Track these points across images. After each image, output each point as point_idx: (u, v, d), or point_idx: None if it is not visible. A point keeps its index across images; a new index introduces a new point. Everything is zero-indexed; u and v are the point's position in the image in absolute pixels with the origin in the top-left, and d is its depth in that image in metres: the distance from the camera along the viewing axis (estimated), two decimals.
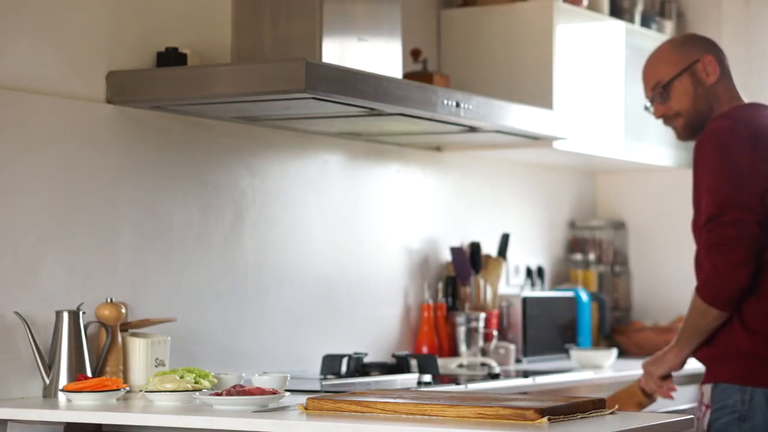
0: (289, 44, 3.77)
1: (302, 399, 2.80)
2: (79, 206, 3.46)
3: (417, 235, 4.67)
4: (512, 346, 4.64)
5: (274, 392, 2.88)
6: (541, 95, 4.59)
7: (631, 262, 5.72)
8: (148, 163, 3.66)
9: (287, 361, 4.06)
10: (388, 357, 4.31)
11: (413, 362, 4.00)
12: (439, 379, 3.93)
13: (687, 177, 5.59)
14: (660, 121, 3.70)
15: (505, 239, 4.88)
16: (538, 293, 5.02)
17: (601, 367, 4.61)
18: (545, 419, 2.46)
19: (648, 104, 3.66)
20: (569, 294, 5.12)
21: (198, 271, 3.80)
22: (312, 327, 4.19)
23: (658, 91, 3.59)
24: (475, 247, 4.73)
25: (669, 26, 5.49)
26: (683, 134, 3.63)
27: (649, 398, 3.57)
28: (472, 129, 4.14)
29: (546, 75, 4.62)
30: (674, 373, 3.53)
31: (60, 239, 3.40)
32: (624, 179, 5.73)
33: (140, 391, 3.17)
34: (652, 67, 3.65)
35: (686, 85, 3.57)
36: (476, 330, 4.58)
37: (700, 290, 3.35)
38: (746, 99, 5.70)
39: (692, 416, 2.73)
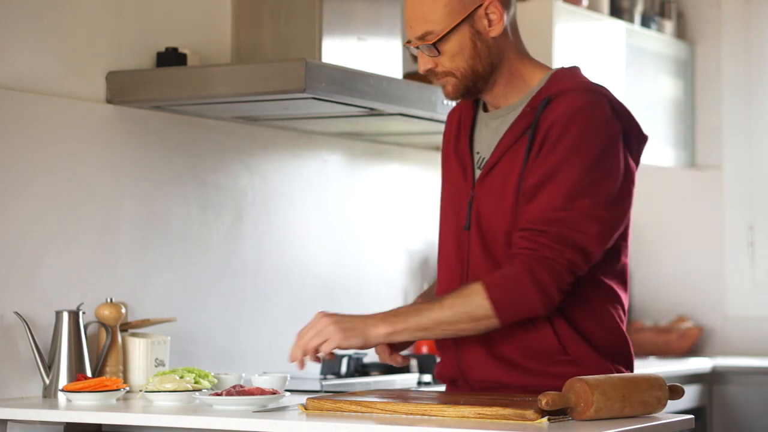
0: (289, 44, 3.77)
1: (302, 399, 2.80)
2: (79, 206, 3.46)
3: (417, 235, 4.67)
4: None
5: (274, 392, 2.88)
6: None
7: (631, 262, 5.71)
8: (148, 163, 3.66)
9: (287, 361, 4.05)
10: None
11: (413, 362, 4.00)
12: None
13: (687, 177, 5.62)
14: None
15: None
16: None
17: None
18: (545, 419, 2.46)
19: (412, 49, 2.86)
20: None
21: (198, 271, 3.80)
22: None
23: (427, 45, 2.75)
24: None
25: (669, 26, 5.49)
26: (453, 95, 2.81)
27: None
28: None
29: None
30: None
31: (60, 239, 3.40)
32: None
33: (140, 391, 3.16)
34: (418, 8, 2.75)
35: (464, 39, 2.75)
36: None
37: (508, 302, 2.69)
38: (745, 99, 5.67)
39: (692, 416, 2.73)
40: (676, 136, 5.44)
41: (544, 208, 2.67)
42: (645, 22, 5.32)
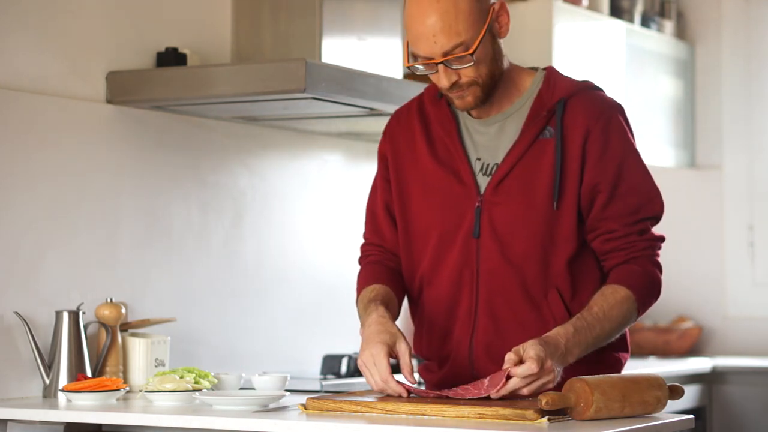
0: (289, 44, 3.77)
1: (302, 399, 2.80)
2: (79, 206, 3.46)
3: None
4: None
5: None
6: None
7: None
8: (148, 163, 3.66)
9: (287, 361, 4.05)
10: None
11: (413, 362, 3.99)
12: None
13: (687, 177, 5.62)
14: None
15: None
16: None
17: None
18: (545, 419, 2.46)
19: (420, 66, 2.73)
20: None
21: (198, 271, 3.80)
22: (312, 327, 4.19)
23: (459, 56, 2.68)
24: None
25: (669, 26, 5.49)
26: (474, 103, 2.76)
27: None
28: None
29: None
30: None
31: (60, 239, 3.40)
32: None
33: (140, 391, 3.17)
34: (443, 22, 2.65)
35: (487, 44, 2.71)
36: None
37: (650, 299, 2.80)
38: (745, 99, 5.67)
39: (692, 416, 2.73)
40: (676, 136, 5.44)
41: (631, 212, 2.76)
42: (645, 22, 5.32)
